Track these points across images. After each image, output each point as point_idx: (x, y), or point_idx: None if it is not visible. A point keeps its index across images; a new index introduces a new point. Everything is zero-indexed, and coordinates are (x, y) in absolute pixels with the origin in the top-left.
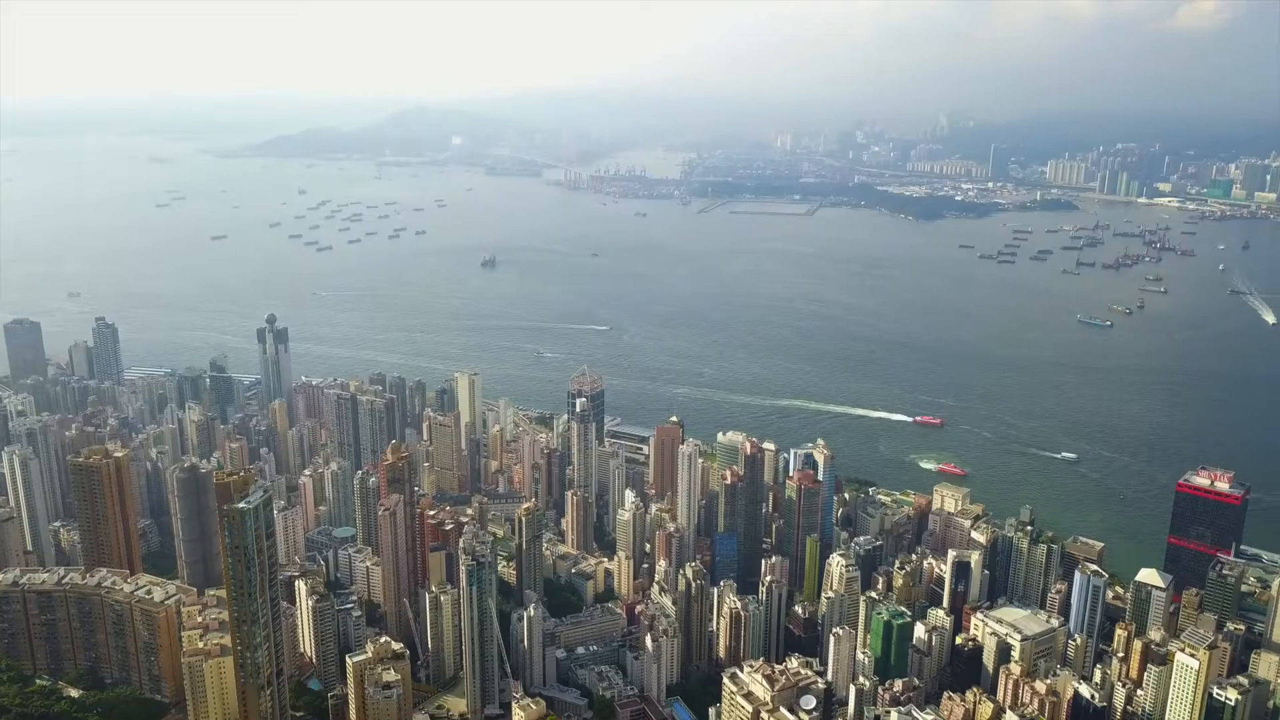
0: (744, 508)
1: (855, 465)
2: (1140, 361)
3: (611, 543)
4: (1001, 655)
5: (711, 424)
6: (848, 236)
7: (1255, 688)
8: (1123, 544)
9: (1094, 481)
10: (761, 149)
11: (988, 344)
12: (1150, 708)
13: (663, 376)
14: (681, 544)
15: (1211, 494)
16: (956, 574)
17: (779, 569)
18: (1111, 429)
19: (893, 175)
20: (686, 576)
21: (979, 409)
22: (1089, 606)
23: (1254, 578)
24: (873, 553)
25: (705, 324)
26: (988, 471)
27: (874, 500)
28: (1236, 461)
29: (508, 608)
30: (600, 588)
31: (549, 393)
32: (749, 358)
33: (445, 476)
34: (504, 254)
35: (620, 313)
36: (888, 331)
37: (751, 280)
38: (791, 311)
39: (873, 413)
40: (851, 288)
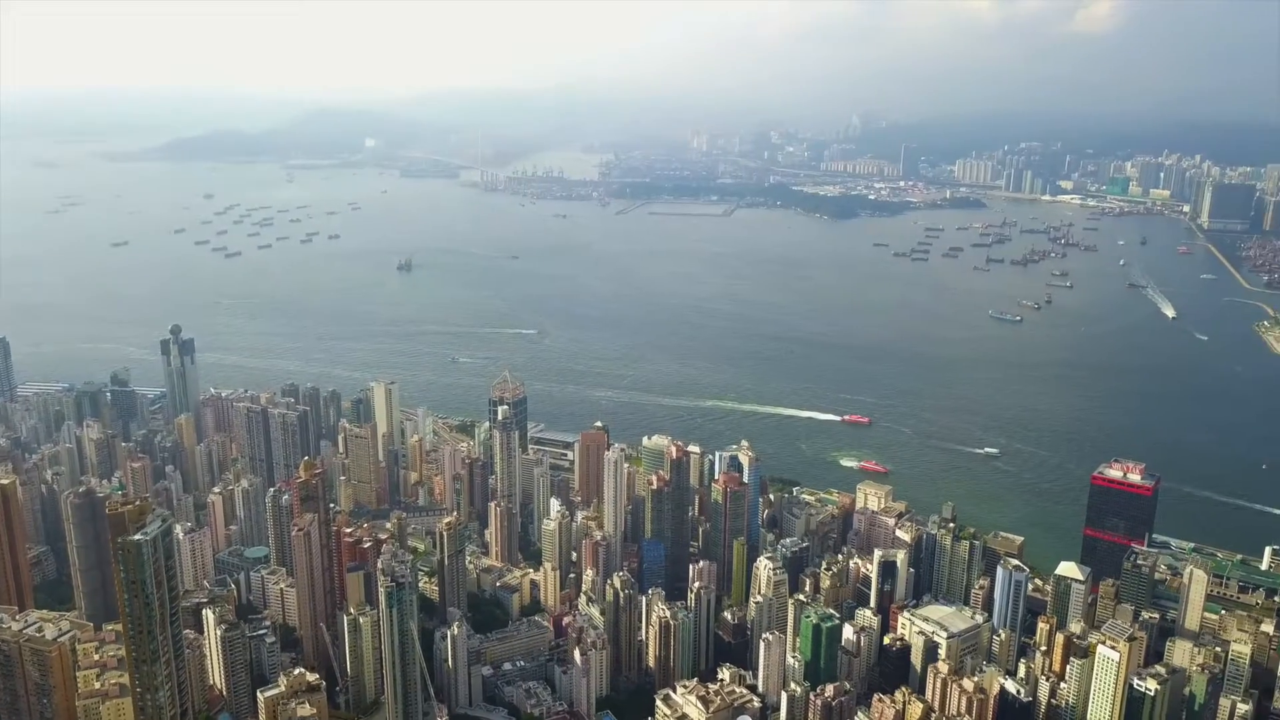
0: (670, 513)
1: (779, 465)
2: (1050, 355)
3: (537, 553)
4: (929, 654)
5: (636, 427)
6: (765, 237)
7: (1172, 676)
8: (1042, 537)
9: (1013, 475)
10: (678, 150)
11: (905, 341)
12: (1074, 700)
13: (586, 380)
14: (608, 552)
15: (1124, 486)
16: (883, 573)
17: (707, 574)
18: (1027, 423)
19: (807, 175)
20: (614, 586)
21: (898, 406)
22: (1012, 601)
23: (1164, 565)
24: (799, 554)
25: (627, 326)
26: (909, 468)
27: (799, 501)
28: (1146, 452)
29: (431, 625)
30: (526, 600)
31: (470, 399)
32: (672, 359)
33: (363, 490)
34: (421, 257)
35: (542, 316)
36: (807, 330)
37: (672, 281)
38: (713, 312)
39: (801, 413)
40: (771, 287)
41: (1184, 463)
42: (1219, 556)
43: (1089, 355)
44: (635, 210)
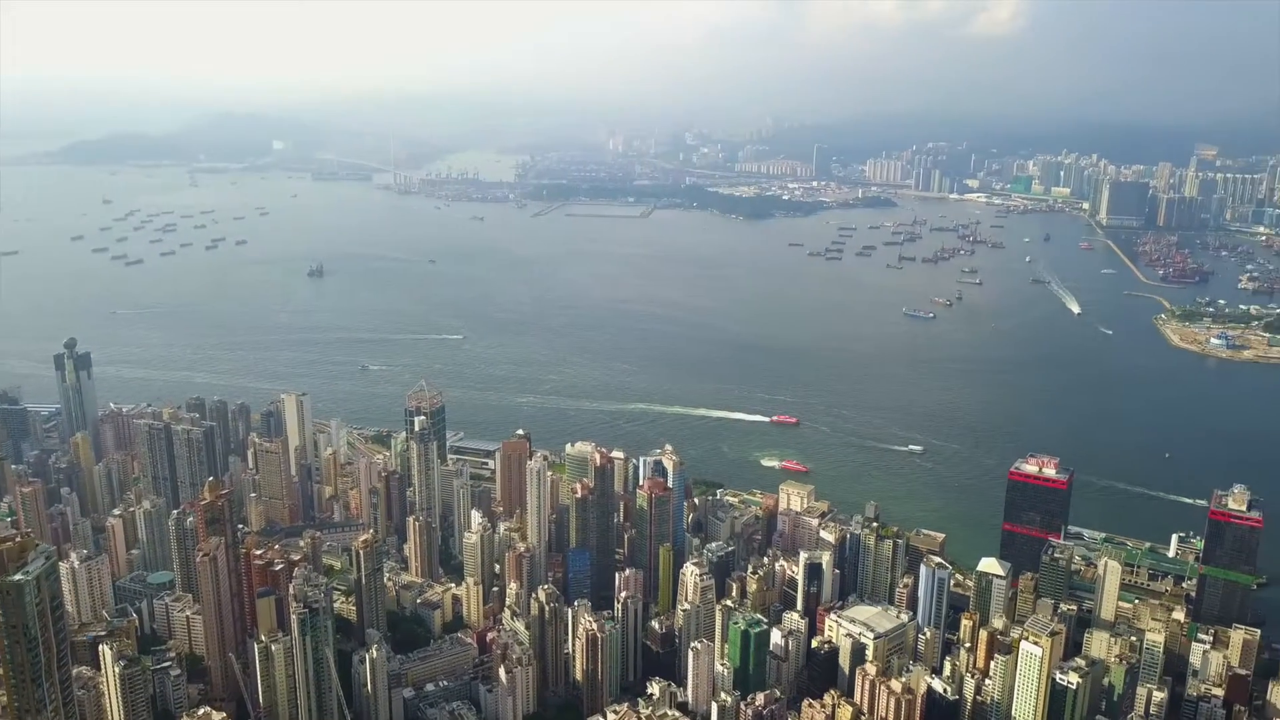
0: (595, 521)
1: (703, 467)
2: (964, 351)
3: (459, 567)
4: (856, 655)
5: (559, 434)
6: (683, 238)
7: (1092, 669)
8: (963, 532)
9: (932, 472)
10: (594, 151)
11: (823, 340)
12: (999, 697)
13: (507, 386)
14: (533, 563)
15: (1040, 480)
16: (809, 575)
17: (633, 582)
18: (945, 418)
19: (722, 176)
20: (539, 600)
21: (817, 404)
22: (935, 599)
23: (1079, 556)
24: (725, 558)
25: (548, 329)
26: (830, 467)
27: (723, 503)
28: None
29: (349, 647)
30: (449, 616)
31: (386, 409)
32: (593, 363)
33: (274, 507)
34: (333, 262)
35: (461, 320)
36: (728, 331)
37: (593, 283)
38: (633, 314)
39: (731, 414)
40: (691, 289)
41: (1094, 454)
42: (1129, 545)
43: (1001, 350)
44: (552, 212)
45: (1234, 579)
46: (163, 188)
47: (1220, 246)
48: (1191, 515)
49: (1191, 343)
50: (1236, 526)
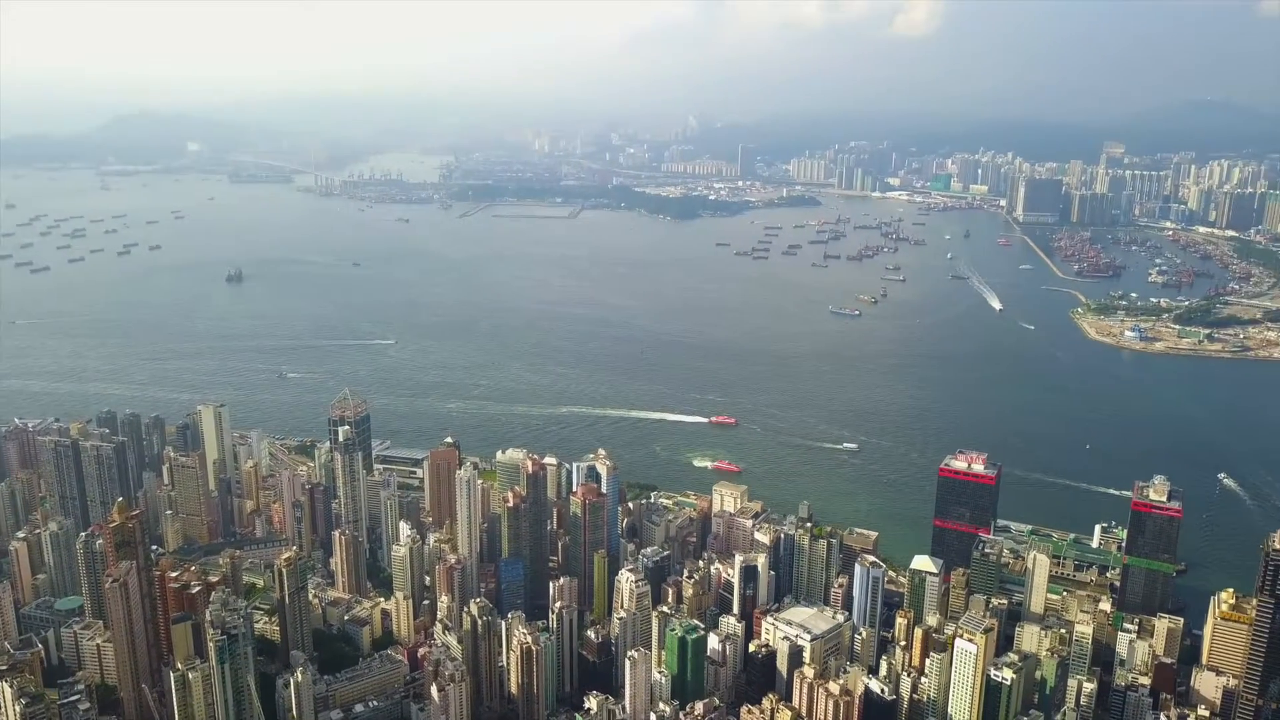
0: (528, 529)
1: (636, 470)
2: (891, 348)
3: (388, 581)
4: (794, 658)
5: (489, 440)
6: (611, 238)
7: (1025, 663)
8: (895, 529)
9: (864, 469)
10: (520, 151)
11: (752, 339)
12: (935, 695)
13: (434, 392)
14: (464, 575)
15: (969, 476)
16: (744, 578)
17: (568, 591)
18: (875, 415)
19: (649, 176)
20: (472, 613)
21: (747, 403)
22: (870, 598)
23: (1007, 550)
24: (661, 563)
25: (476, 333)
26: (762, 466)
27: (657, 507)
28: (985, 438)
29: (272, 669)
30: (378, 632)
31: (310, 418)
32: (524, 366)
33: (192, 524)
34: (253, 267)
35: (386, 325)
36: (658, 331)
37: (521, 285)
38: (564, 316)
39: (669, 416)
40: (620, 289)
41: (1019, 447)
42: (1055, 537)
43: (927, 346)
44: (479, 213)
45: (1156, 568)
46: (71, 191)
47: (1131, 241)
48: (1113, 505)
49: (1107, 336)
50: (1157, 517)
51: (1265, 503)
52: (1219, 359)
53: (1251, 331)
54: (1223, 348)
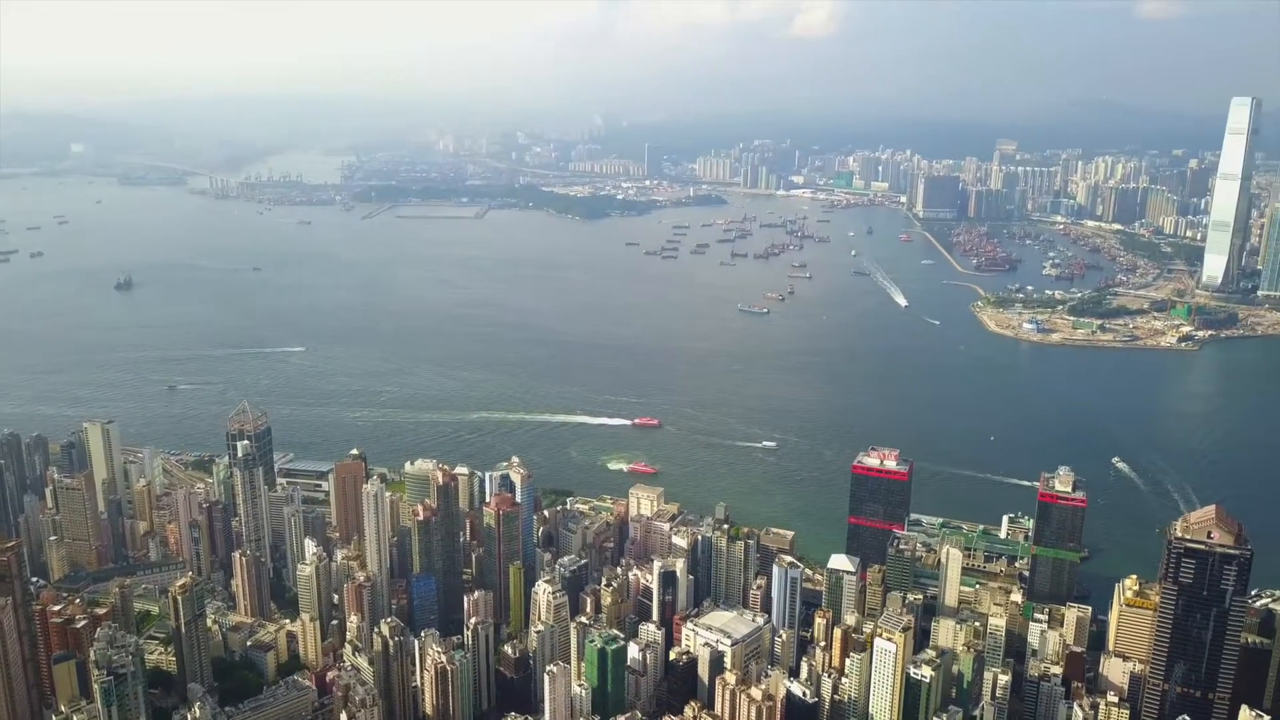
0: (440, 543)
1: (551, 475)
2: (801, 344)
3: (293, 601)
4: (715, 664)
5: (398, 450)
6: (520, 238)
7: (943, 659)
8: (811, 527)
9: (779, 467)
10: (424, 151)
11: (665, 339)
12: (855, 694)
13: (339, 400)
14: (374, 593)
15: (881, 473)
16: (663, 584)
17: (483, 605)
18: (789, 412)
19: (556, 176)
20: (383, 634)
21: (662, 403)
22: (789, 599)
23: (920, 544)
24: (578, 572)
25: (382, 338)
26: (679, 467)
27: (574, 514)
28: (894, 433)
29: (168, 704)
30: (284, 657)
31: (208, 431)
32: (433, 371)
33: (80, 550)
34: (144, 273)
35: (290, 331)
36: (570, 332)
37: (428, 287)
38: (472, 318)
39: (592, 419)
40: (530, 290)
41: (928, 441)
42: (964, 529)
43: (836, 343)
44: (382, 214)
45: (1063, 557)
46: None
47: (1025, 235)
48: (1019, 495)
49: (1006, 328)
50: (1063, 507)
51: (1157, 486)
52: (1111, 349)
53: (1140, 321)
54: (1114, 338)
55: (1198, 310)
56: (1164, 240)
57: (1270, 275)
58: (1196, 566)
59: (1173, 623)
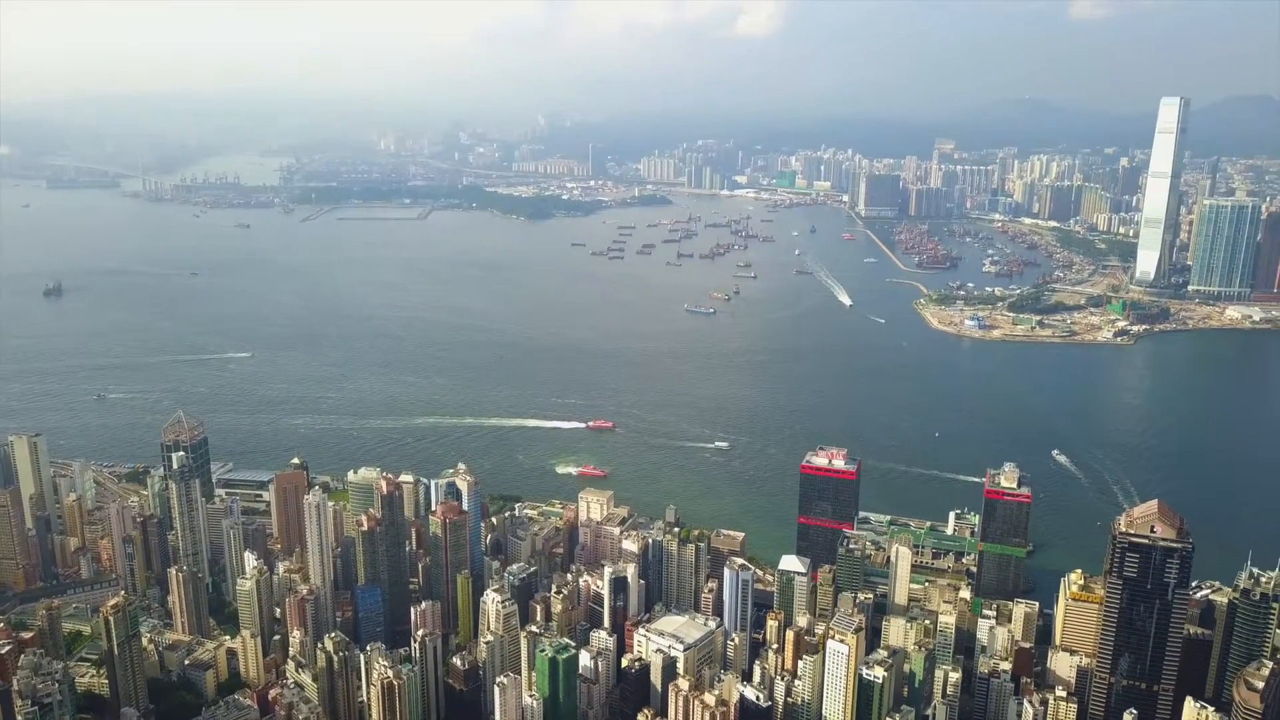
0: (386, 553)
1: (499, 481)
2: (748, 344)
3: (233, 617)
4: (668, 670)
5: (341, 457)
6: (464, 239)
7: (895, 658)
8: (762, 527)
9: (728, 467)
10: (365, 152)
11: (612, 340)
12: (809, 697)
13: (280, 408)
14: (317, 606)
15: (830, 472)
16: (614, 590)
17: (430, 616)
18: (738, 412)
19: (500, 176)
20: (326, 649)
21: (609, 405)
22: (741, 602)
23: (869, 542)
24: (528, 580)
25: (324, 343)
26: (628, 469)
27: (522, 520)
28: (843, 431)
29: None
30: (224, 675)
31: (142, 441)
32: (377, 376)
33: (6, 569)
34: (75, 279)
35: (230, 337)
36: (517, 334)
37: (371, 290)
38: (416, 322)
39: (544, 423)
40: (475, 292)
41: (874, 438)
42: (912, 526)
43: (782, 342)
44: (323, 216)
45: (1009, 553)
46: None
47: (964, 233)
48: (965, 491)
49: (949, 325)
50: (1009, 503)
51: (1097, 479)
52: (1050, 344)
53: (1077, 317)
54: (1053, 333)
55: (1132, 305)
56: (1098, 237)
57: (1200, 271)
58: (1140, 561)
59: (1118, 616)
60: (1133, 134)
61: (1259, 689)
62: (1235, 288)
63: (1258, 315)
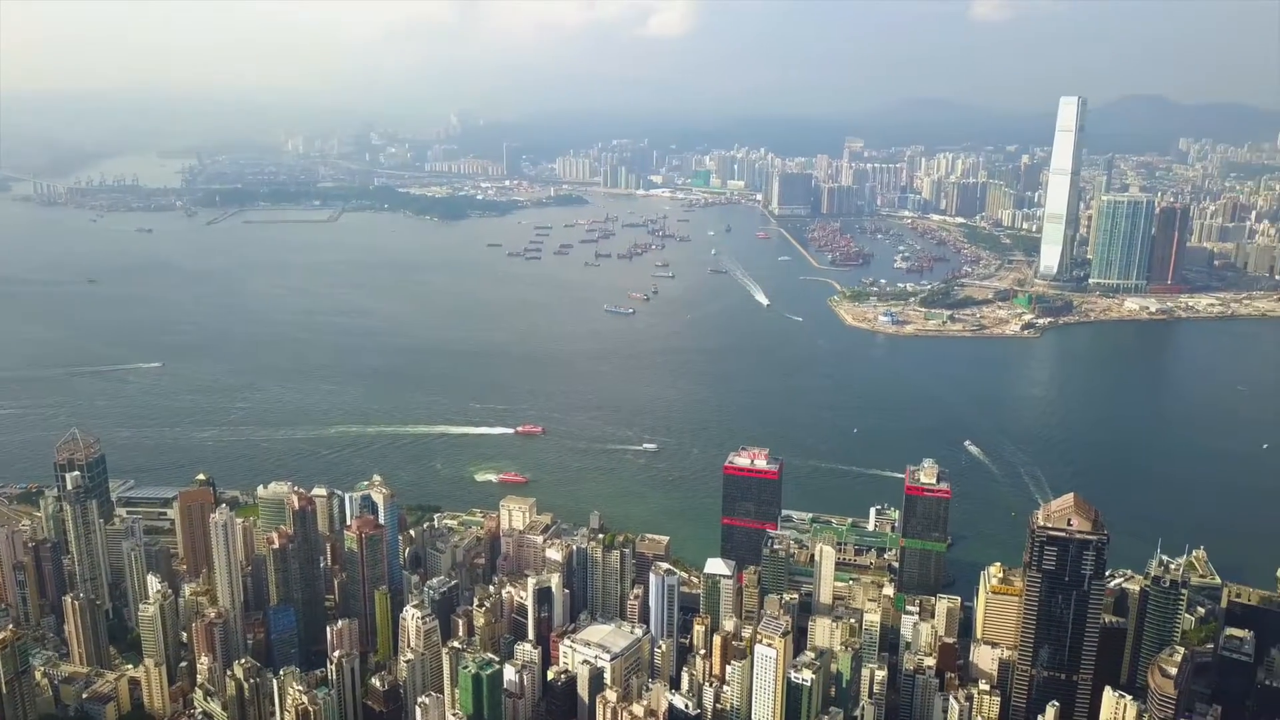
0: (299, 570)
1: (417, 491)
2: (668, 344)
3: (136, 644)
4: (594, 681)
5: (251, 471)
6: (377, 241)
7: (822, 659)
8: (687, 529)
9: (650, 469)
10: (272, 153)
11: (532, 342)
12: (738, 702)
13: (185, 420)
14: (227, 630)
15: (752, 472)
16: (538, 601)
17: (348, 635)
18: (662, 413)
19: (412, 176)
20: (236, 675)
21: (529, 409)
22: (667, 608)
23: (792, 541)
24: (449, 594)
25: (231, 351)
26: (550, 475)
27: (442, 532)
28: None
29: None
30: (126, 708)
31: (35, 460)
32: (287, 385)
33: None
34: None
35: (130, 348)
36: (433, 338)
37: (280, 296)
38: (329, 326)
39: (472, 429)
40: (389, 295)
41: (795, 436)
42: (834, 523)
43: (700, 341)
44: (228, 219)
45: (930, 548)
46: None
47: (876, 230)
48: (884, 486)
49: (863, 321)
50: (929, 499)
51: (1008, 468)
52: (961, 338)
53: (985, 311)
54: (963, 327)
55: (1037, 299)
56: (1003, 232)
57: (1099, 264)
58: (1058, 554)
59: (1038, 608)
60: (1032, 132)
61: (1172, 675)
62: (1133, 280)
63: (1154, 306)
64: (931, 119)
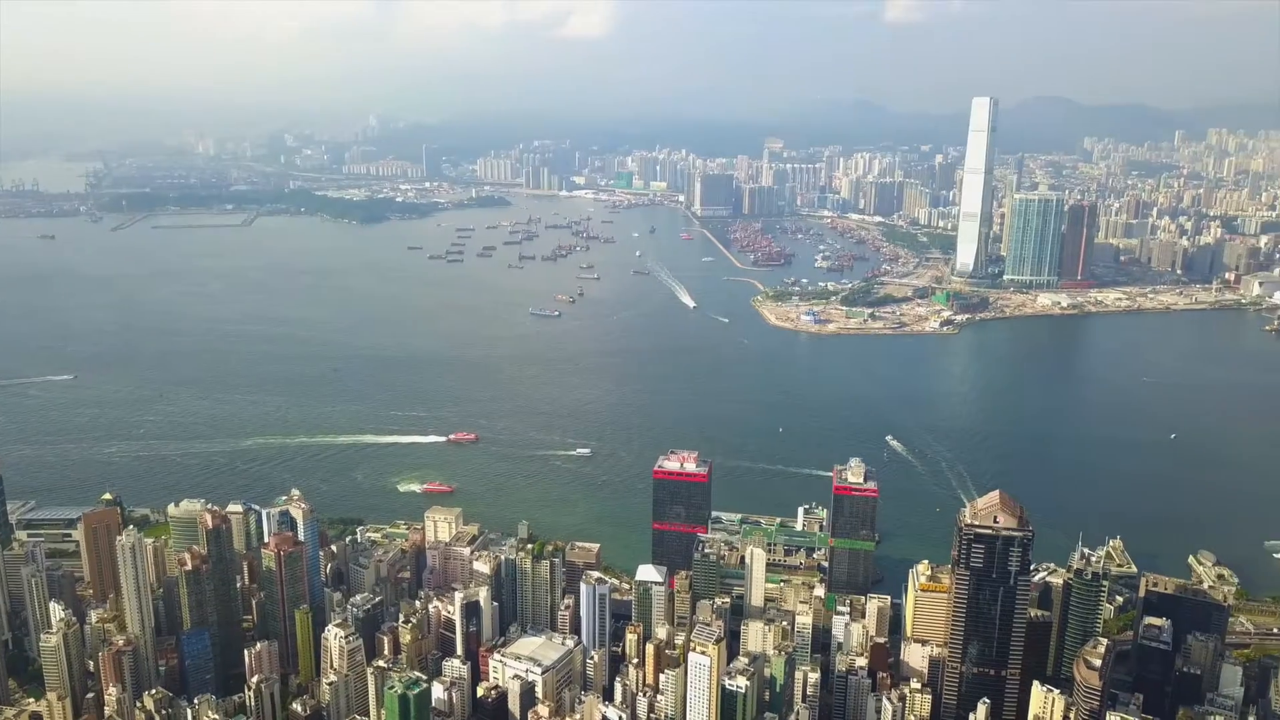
0: (214, 591)
1: (338, 503)
2: (595, 346)
3: (38, 676)
4: (526, 696)
5: (161, 487)
6: (293, 245)
7: (756, 664)
8: (618, 535)
9: (579, 474)
10: (182, 156)
11: (456, 346)
12: (672, 711)
13: (89, 436)
14: (136, 658)
15: (682, 476)
16: (466, 615)
17: (267, 658)
18: (592, 417)
19: (329, 179)
20: (147, 707)
21: (453, 415)
22: (598, 617)
23: (722, 544)
24: (372, 611)
25: (138, 362)
26: (477, 483)
27: (364, 546)
28: (695, 433)
29: None
30: None
31: None
32: (197, 396)
33: None
34: None
35: (29, 360)
36: (353, 344)
37: (190, 303)
38: (242, 335)
39: (401, 438)
40: (306, 301)
41: (722, 436)
42: (763, 524)
43: (627, 343)
44: (135, 225)
45: (859, 547)
46: None
47: (796, 230)
48: (811, 485)
49: (786, 320)
50: (857, 498)
51: (931, 463)
52: (882, 335)
53: (905, 308)
54: (884, 325)
55: (955, 296)
56: (920, 231)
57: (1013, 261)
58: (985, 551)
59: (966, 605)
60: (945, 132)
61: (1097, 666)
62: (1045, 276)
63: (1065, 302)
64: (849, 119)
